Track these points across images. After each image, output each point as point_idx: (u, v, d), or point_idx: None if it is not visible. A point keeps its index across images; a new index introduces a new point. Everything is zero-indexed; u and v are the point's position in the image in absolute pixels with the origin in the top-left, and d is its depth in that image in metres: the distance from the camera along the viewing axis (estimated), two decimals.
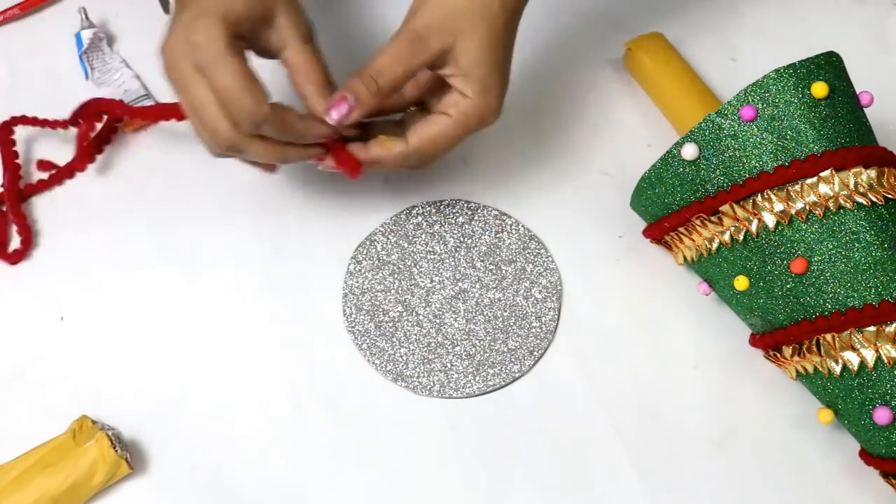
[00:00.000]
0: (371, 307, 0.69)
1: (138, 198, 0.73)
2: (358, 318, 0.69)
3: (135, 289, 0.70)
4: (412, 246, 0.71)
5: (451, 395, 0.67)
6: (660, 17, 0.80)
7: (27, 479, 0.60)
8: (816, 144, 0.60)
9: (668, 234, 0.67)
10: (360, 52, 0.74)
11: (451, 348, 0.68)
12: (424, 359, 0.68)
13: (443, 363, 0.68)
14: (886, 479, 0.62)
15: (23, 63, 0.77)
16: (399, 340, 0.68)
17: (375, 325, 0.69)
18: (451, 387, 0.67)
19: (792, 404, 0.67)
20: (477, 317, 0.69)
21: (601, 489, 0.65)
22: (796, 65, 0.61)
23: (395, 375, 0.67)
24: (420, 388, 0.67)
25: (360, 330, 0.68)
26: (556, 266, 0.71)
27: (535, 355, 0.68)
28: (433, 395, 0.67)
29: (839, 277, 0.60)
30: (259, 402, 0.67)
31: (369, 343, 0.68)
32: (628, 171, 0.71)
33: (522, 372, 0.67)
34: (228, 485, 0.64)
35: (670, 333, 0.69)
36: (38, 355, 0.68)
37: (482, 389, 0.67)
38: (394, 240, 0.71)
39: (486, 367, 0.68)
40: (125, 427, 0.65)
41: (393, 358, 0.68)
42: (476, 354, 0.68)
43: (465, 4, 0.62)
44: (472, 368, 0.67)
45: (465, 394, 0.67)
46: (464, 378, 0.67)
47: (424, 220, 0.72)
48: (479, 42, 0.62)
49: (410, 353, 0.68)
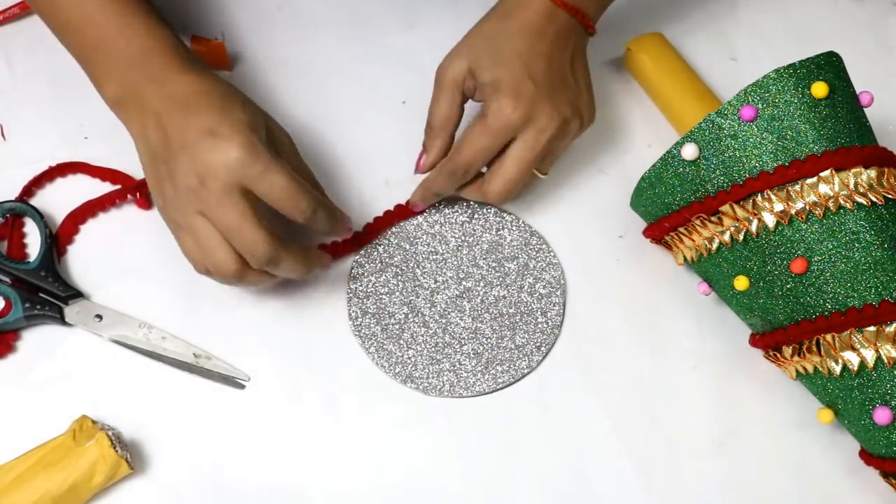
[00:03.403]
0: (377, 310, 0.69)
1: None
2: (364, 322, 0.69)
3: (134, 289, 0.69)
4: (414, 247, 0.71)
5: (461, 395, 0.67)
6: (660, 17, 0.80)
7: (27, 478, 0.60)
8: (816, 144, 0.60)
9: (668, 234, 0.67)
10: None
11: (459, 347, 0.68)
12: (433, 359, 0.68)
13: (451, 363, 0.68)
14: (886, 479, 0.62)
15: (23, 63, 0.77)
16: (406, 342, 0.68)
17: (382, 328, 0.68)
18: (461, 386, 0.67)
19: (792, 404, 0.67)
20: (483, 315, 0.69)
21: (601, 489, 0.65)
22: (796, 65, 0.61)
23: (405, 377, 0.67)
24: (430, 389, 0.67)
25: (367, 333, 0.68)
26: (559, 261, 0.71)
27: (542, 350, 0.68)
28: (443, 395, 0.67)
29: (839, 277, 0.60)
30: (259, 403, 0.67)
31: (377, 346, 0.68)
32: (628, 171, 0.71)
33: (531, 368, 0.67)
34: (228, 485, 0.64)
35: (670, 333, 0.69)
36: (39, 355, 0.68)
37: (492, 387, 0.67)
38: (395, 241, 0.71)
39: (495, 364, 0.68)
40: (125, 427, 0.65)
41: (401, 360, 0.68)
42: (484, 353, 0.68)
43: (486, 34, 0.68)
44: (480, 367, 0.67)
45: (475, 392, 0.67)
46: (473, 377, 0.67)
47: (425, 221, 0.72)
48: (485, 63, 0.66)
49: (419, 354, 0.68)
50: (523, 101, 0.65)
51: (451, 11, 0.80)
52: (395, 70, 0.78)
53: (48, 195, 0.73)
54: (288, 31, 0.80)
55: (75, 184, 0.73)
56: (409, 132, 0.73)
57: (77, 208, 0.71)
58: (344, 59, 0.79)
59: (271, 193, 0.60)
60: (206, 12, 0.80)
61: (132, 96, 0.63)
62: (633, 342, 0.69)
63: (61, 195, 0.72)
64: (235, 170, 0.59)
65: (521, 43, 0.67)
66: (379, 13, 0.80)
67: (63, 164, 0.73)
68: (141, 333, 0.67)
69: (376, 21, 0.80)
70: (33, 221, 0.71)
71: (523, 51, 0.66)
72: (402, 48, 0.79)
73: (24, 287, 0.68)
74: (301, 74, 0.78)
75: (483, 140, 0.66)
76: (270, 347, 0.68)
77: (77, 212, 0.71)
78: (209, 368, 0.67)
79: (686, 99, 0.74)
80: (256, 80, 0.77)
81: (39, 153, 0.73)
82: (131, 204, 0.72)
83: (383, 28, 0.80)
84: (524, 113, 0.65)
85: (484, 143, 0.66)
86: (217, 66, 0.77)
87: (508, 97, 0.65)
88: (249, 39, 0.79)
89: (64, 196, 0.72)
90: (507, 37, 0.67)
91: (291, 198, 0.61)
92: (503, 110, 0.65)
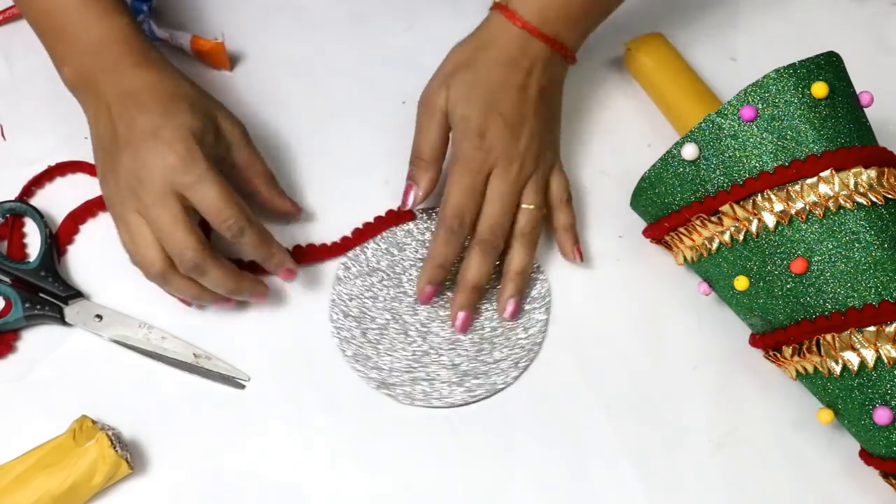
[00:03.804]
0: (359, 314, 0.69)
1: None
2: (345, 325, 0.68)
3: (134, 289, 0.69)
4: (402, 253, 0.71)
5: (432, 405, 0.66)
6: (660, 17, 0.80)
7: (27, 478, 0.60)
8: (816, 144, 0.60)
9: (668, 234, 0.67)
10: None
11: (437, 357, 0.68)
12: (409, 367, 0.67)
13: (427, 372, 0.67)
14: (886, 479, 0.62)
15: (23, 63, 0.77)
16: (385, 348, 0.68)
17: (362, 332, 0.68)
18: (434, 396, 0.67)
19: (792, 404, 0.67)
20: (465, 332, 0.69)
21: (601, 489, 0.65)
22: (796, 65, 0.61)
23: (379, 383, 0.67)
24: (402, 397, 0.67)
25: (346, 336, 0.68)
26: (546, 276, 0.70)
27: (520, 367, 0.67)
28: (416, 404, 0.66)
29: (839, 277, 0.60)
30: (259, 403, 0.67)
31: (355, 350, 0.68)
32: (628, 171, 0.71)
33: (507, 383, 0.67)
34: (228, 485, 0.64)
35: (670, 333, 0.69)
36: (39, 355, 0.68)
37: (466, 400, 0.67)
38: (384, 247, 0.71)
39: (471, 377, 0.67)
40: (125, 427, 0.65)
41: (377, 365, 0.67)
42: (461, 364, 0.67)
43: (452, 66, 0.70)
44: (455, 378, 0.67)
45: (447, 403, 0.66)
46: (448, 388, 0.67)
47: (416, 227, 0.72)
48: (459, 96, 0.68)
49: (395, 360, 0.67)
50: (488, 138, 0.67)
51: (451, 11, 0.80)
52: (395, 70, 0.78)
53: (48, 195, 0.73)
54: (288, 31, 0.80)
55: (75, 184, 0.73)
56: (409, 132, 0.73)
57: (77, 208, 0.71)
58: (344, 59, 0.79)
59: (201, 204, 0.62)
60: (206, 12, 0.80)
61: (88, 83, 0.65)
62: (633, 342, 0.69)
63: (61, 195, 0.72)
64: (170, 175, 0.61)
65: (496, 77, 0.68)
66: (379, 13, 0.81)
67: (63, 163, 0.73)
68: (141, 333, 0.67)
69: (376, 21, 0.80)
70: (33, 221, 0.71)
71: (496, 86, 0.68)
72: (402, 48, 0.79)
73: (24, 287, 0.68)
74: (301, 74, 0.78)
75: (466, 178, 0.67)
76: (270, 347, 0.68)
77: (77, 212, 0.71)
78: (209, 368, 0.67)
79: (686, 99, 0.74)
80: (256, 80, 0.77)
81: (39, 153, 0.73)
82: None
83: (383, 28, 0.80)
84: (489, 148, 0.67)
85: (468, 182, 0.67)
86: (217, 66, 0.77)
87: (475, 136, 0.67)
88: (249, 39, 0.79)
89: (64, 196, 0.72)
90: (483, 68, 0.68)
91: (220, 212, 0.62)
92: (469, 149, 0.67)
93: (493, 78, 0.68)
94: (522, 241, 0.69)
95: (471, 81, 0.68)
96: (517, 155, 0.68)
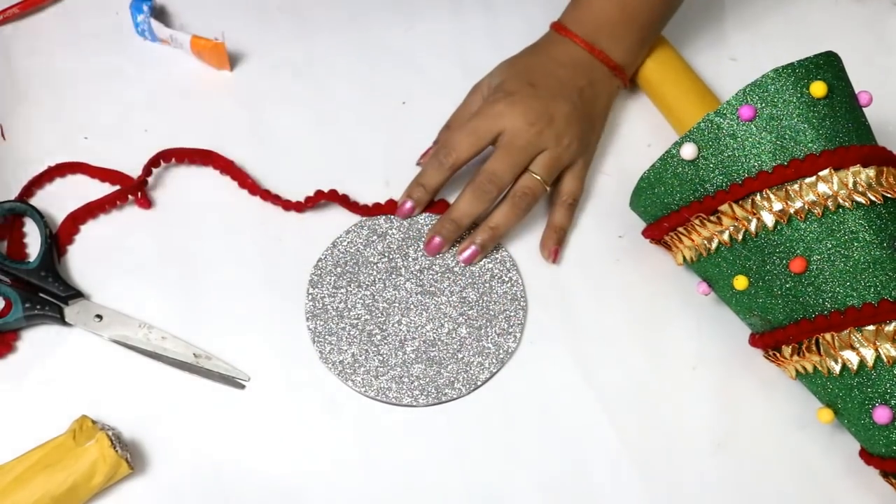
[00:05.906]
0: (335, 312, 0.69)
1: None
2: (317, 324, 0.68)
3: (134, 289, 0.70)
4: (371, 254, 0.71)
5: (403, 403, 0.66)
6: None
7: (27, 479, 0.60)
8: (815, 144, 0.60)
9: (668, 234, 0.67)
10: None
11: (411, 355, 0.68)
12: (382, 363, 0.67)
13: (399, 371, 0.67)
14: (886, 479, 0.62)
15: (23, 63, 0.77)
16: (358, 346, 0.68)
17: (336, 330, 0.68)
18: (405, 393, 0.67)
19: (792, 404, 0.67)
20: (439, 328, 0.69)
21: (601, 489, 0.65)
22: (795, 64, 0.61)
23: (347, 378, 0.67)
24: (371, 391, 0.66)
25: (321, 331, 0.68)
26: (521, 280, 0.70)
27: (489, 370, 0.67)
28: (386, 401, 0.66)
29: (838, 277, 0.60)
30: (259, 403, 0.67)
31: (328, 345, 0.68)
32: (628, 171, 0.71)
33: (476, 385, 0.67)
34: (228, 485, 0.64)
35: (670, 333, 0.69)
36: (39, 355, 0.68)
37: (435, 400, 0.67)
38: (365, 234, 0.71)
39: (441, 378, 0.67)
40: (125, 427, 0.65)
41: (349, 361, 0.67)
42: (434, 365, 0.67)
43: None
44: (428, 377, 0.67)
45: (419, 403, 0.66)
46: (418, 387, 0.67)
47: (396, 228, 0.71)
48: (503, 72, 0.72)
49: (367, 359, 0.67)
50: (517, 97, 0.69)
51: (451, 11, 0.80)
52: (394, 70, 0.78)
53: (48, 195, 0.73)
54: (288, 31, 0.80)
55: (75, 184, 0.73)
56: (410, 132, 0.73)
57: (77, 209, 0.71)
58: (344, 59, 0.79)
59: None
60: (206, 12, 0.80)
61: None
62: (633, 342, 0.69)
63: (61, 195, 0.72)
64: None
65: (542, 65, 0.72)
66: (379, 13, 0.81)
67: (63, 164, 0.73)
68: (141, 333, 0.67)
69: (376, 21, 0.80)
70: (33, 221, 0.71)
71: (540, 70, 0.71)
72: (402, 48, 0.79)
73: (24, 287, 0.68)
74: (301, 74, 0.78)
75: (474, 121, 0.69)
76: (270, 347, 0.68)
77: (77, 212, 0.71)
78: (209, 368, 0.67)
79: (686, 99, 0.74)
80: (256, 80, 0.78)
81: (39, 153, 0.74)
82: (131, 204, 0.72)
83: (383, 28, 0.80)
84: (510, 103, 0.69)
85: (474, 124, 0.69)
86: (217, 66, 0.77)
87: (501, 93, 0.69)
88: (249, 39, 0.79)
89: (64, 196, 0.72)
90: (531, 59, 0.73)
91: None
92: (493, 100, 0.69)
93: (540, 65, 0.71)
94: (511, 201, 0.70)
95: (516, 64, 0.72)
96: (538, 117, 0.69)
